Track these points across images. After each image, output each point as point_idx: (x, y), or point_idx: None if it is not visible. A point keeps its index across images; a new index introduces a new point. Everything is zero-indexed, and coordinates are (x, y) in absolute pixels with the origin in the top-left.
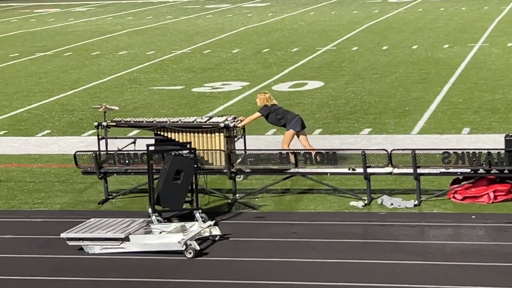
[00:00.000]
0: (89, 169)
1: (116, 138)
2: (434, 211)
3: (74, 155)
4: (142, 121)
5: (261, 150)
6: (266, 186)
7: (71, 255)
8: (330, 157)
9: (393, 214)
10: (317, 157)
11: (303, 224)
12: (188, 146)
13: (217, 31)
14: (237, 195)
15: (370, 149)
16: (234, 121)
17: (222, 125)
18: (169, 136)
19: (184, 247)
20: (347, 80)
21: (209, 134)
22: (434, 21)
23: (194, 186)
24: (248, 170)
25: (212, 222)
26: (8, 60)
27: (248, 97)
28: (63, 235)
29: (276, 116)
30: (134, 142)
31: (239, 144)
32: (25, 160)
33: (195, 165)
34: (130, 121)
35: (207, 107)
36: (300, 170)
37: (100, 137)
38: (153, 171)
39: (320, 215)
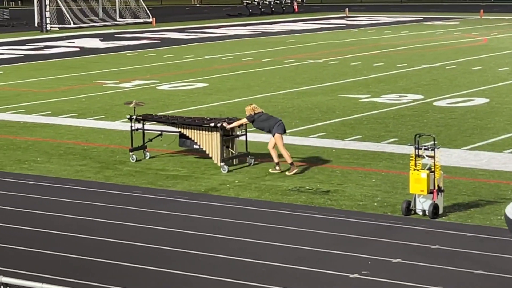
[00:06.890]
0: None
1: (147, 130)
2: None
3: None
4: (161, 117)
5: None
6: None
7: None
8: None
9: None
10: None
11: None
12: None
13: None
14: None
15: None
16: (223, 123)
17: (212, 124)
18: (179, 130)
19: None
20: None
21: (208, 132)
22: None
23: None
24: None
25: None
26: None
27: None
28: None
29: (260, 122)
30: (161, 135)
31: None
32: None
33: None
34: (154, 116)
35: None
36: None
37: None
38: None
39: None
